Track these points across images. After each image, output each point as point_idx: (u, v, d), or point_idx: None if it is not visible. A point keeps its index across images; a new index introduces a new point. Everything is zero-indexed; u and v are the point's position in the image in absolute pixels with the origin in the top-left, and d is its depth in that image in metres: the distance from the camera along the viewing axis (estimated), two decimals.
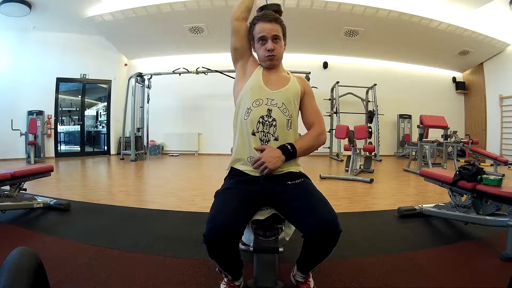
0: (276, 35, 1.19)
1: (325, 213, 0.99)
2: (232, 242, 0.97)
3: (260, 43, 1.21)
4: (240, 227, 1.00)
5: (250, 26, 1.25)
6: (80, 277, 1.34)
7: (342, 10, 5.52)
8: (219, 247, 0.97)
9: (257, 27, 1.21)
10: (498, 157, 4.84)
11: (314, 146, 1.21)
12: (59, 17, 5.86)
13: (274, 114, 1.15)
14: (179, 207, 2.61)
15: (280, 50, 1.22)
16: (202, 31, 6.27)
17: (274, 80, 1.24)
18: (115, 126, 7.39)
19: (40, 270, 0.71)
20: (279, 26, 1.21)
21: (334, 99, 7.17)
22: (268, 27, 1.18)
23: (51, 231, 1.96)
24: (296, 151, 1.13)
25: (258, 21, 1.21)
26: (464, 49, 6.92)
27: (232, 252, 1.02)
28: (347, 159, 4.71)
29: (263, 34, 1.18)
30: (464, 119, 8.23)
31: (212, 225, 0.96)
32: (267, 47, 1.19)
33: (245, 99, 1.20)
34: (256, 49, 1.25)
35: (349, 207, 2.73)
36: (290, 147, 1.12)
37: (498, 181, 1.72)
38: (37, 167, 2.57)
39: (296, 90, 1.23)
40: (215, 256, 1.01)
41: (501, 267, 1.50)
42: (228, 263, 1.07)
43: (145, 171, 5.03)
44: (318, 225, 0.97)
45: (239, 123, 1.20)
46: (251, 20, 1.25)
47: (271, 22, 1.19)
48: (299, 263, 1.16)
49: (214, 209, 1.03)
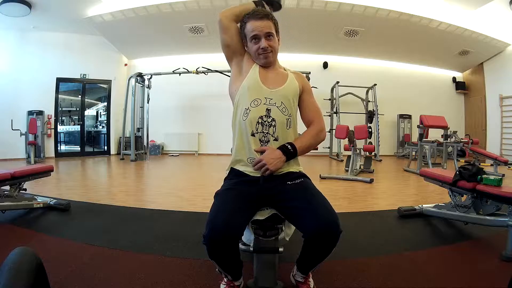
0: (269, 32, 1.15)
1: (326, 214, 0.99)
2: (232, 242, 0.97)
3: (253, 42, 1.17)
4: (240, 227, 0.99)
5: (241, 25, 1.20)
6: (80, 277, 1.34)
7: (342, 10, 5.52)
8: (219, 248, 0.96)
9: (248, 25, 1.16)
10: (498, 157, 4.83)
11: (314, 144, 1.19)
12: (59, 17, 5.86)
13: (273, 114, 1.14)
14: (179, 207, 2.61)
15: (275, 46, 1.19)
16: (202, 31, 6.26)
17: (272, 77, 1.20)
18: (115, 126, 7.39)
19: (40, 270, 0.71)
20: (271, 23, 1.16)
21: (334, 99, 7.16)
22: (259, 25, 1.14)
23: (51, 231, 1.96)
24: (297, 150, 1.12)
25: (249, 19, 1.16)
26: (464, 49, 6.92)
27: (232, 252, 1.01)
28: (347, 159, 4.71)
29: (256, 32, 1.14)
30: (464, 119, 8.23)
31: (212, 226, 0.95)
32: (261, 45, 1.15)
33: (243, 99, 1.17)
34: (249, 48, 1.20)
35: (349, 207, 2.73)
36: (290, 147, 1.11)
37: (498, 181, 1.72)
38: (37, 167, 2.57)
39: (295, 87, 1.21)
40: (215, 256, 1.01)
41: (501, 267, 1.50)
42: (228, 264, 1.06)
43: (145, 171, 5.03)
44: (319, 226, 0.96)
45: (238, 124, 1.18)
46: (241, 20, 1.21)
47: (262, 19, 1.15)
48: (299, 263, 1.16)
49: (214, 209, 1.03)
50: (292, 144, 1.12)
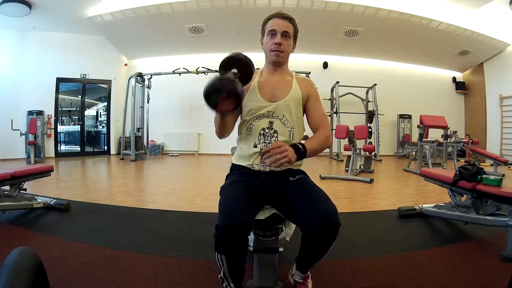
0: (286, 31, 1.19)
1: (324, 207, 0.99)
2: (244, 231, 0.95)
3: (269, 37, 1.20)
4: (251, 217, 1.01)
5: (264, 23, 1.24)
6: (80, 277, 1.34)
7: (342, 10, 5.52)
8: (233, 237, 0.93)
9: (269, 22, 1.21)
10: (498, 157, 4.83)
11: (321, 149, 1.19)
12: (59, 17, 5.86)
13: (275, 126, 1.18)
14: (179, 207, 2.61)
15: (287, 48, 1.21)
16: (202, 31, 6.26)
17: (275, 84, 1.22)
18: (115, 126, 7.39)
19: (40, 270, 0.71)
20: (291, 25, 1.21)
21: (334, 99, 7.17)
22: (279, 22, 1.19)
23: (51, 231, 1.96)
24: (307, 151, 1.10)
25: (272, 17, 1.21)
26: (464, 49, 6.92)
27: (243, 246, 0.98)
28: (347, 159, 4.71)
29: (274, 28, 1.18)
30: (464, 119, 8.23)
31: (226, 214, 0.95)
32: (275, 40, 1.18)
33: (246, 117, 1.20)
34: (264, 44, 1.24)
35: (349, 207, 2.73)
36: (301, 146, 1.09)
37: (498, 181, 1.72)
38: (37, 167, 2.57)
39: (298, 97, 1.22)
40: (227, 249, 0.96)
41: (501, 267, 1.50)
42: (236, 262, 1.01)
43: (145, 171, 5.03)
44: (317, 219, 0.96)
45: (243, 135, 1.22)
46: (266, 18, 1.24)
47: (285, 19, 1.20)
48: (298, 260, 1.15)
49: (224, 200, 1.03)
50: (303, 145, 1.11)
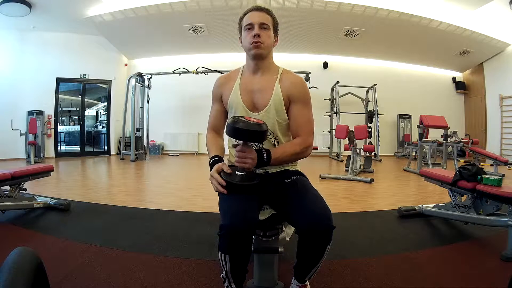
0: (263, 23, 1.12)
1: (317, 208, 0.97)
2: (251, 231, 0.96)
3: (246, 31, 1.14)
4: (256, 216, 1.01)
5: (240, 20, 1.18)
6: (80, 277, 1.34)
7: (342, 10, 5.52)
8: (238, 237, 0.93)
9: (245, 17, 1.15)
10: (498, 157, 4.83)
11: (292, 161, 1.16)
12: (59, 17, 5.86)
13: None
14: (179, 207, 2.61)
15: (267, 40, 1.13)
16: (202, 31, 6.26)
17: (256, 90, 1.16)
18: (115, 126, 7.39)
19: (40, 270, 0.71)
20: (268, 16, 1.14)
21: (334, 99, 7.16)
22: (256, 14, 1.13)
23: (51, 231, 1.96)
24: (270, 161, 1.05)
25: (248, 11, 1.15)
26: (464, 49, 6.92)
27: (247, 246, 0.98)
28: (347, 159, 4.71)
29: (250, 21, 1.12)
30: (464, 119, 8.22)
31: (232, 213, 0.95)
32: (253, 33, 1.11)
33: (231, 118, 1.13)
34: (243, 40, 1.16)
35: (349, 207, 2.73)
36: (265, 156, 1.04)
37: (498, 181, 1.72)
38: (37, 167, 2.57)
39: (279, 103, 1.14)
40: (232, 248, 0.95)
41: (501, 267, 1.50)
42: (240, 261, 1.00)
43: (145, 171, 5.03)
44: (310, 221, 0.94)
45: None
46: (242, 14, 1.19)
47: (261, 11, 1.14)
48: (295, 268, 1.11)
49: (227, 200, 1.01)
50: (268, 153, 1.05)
